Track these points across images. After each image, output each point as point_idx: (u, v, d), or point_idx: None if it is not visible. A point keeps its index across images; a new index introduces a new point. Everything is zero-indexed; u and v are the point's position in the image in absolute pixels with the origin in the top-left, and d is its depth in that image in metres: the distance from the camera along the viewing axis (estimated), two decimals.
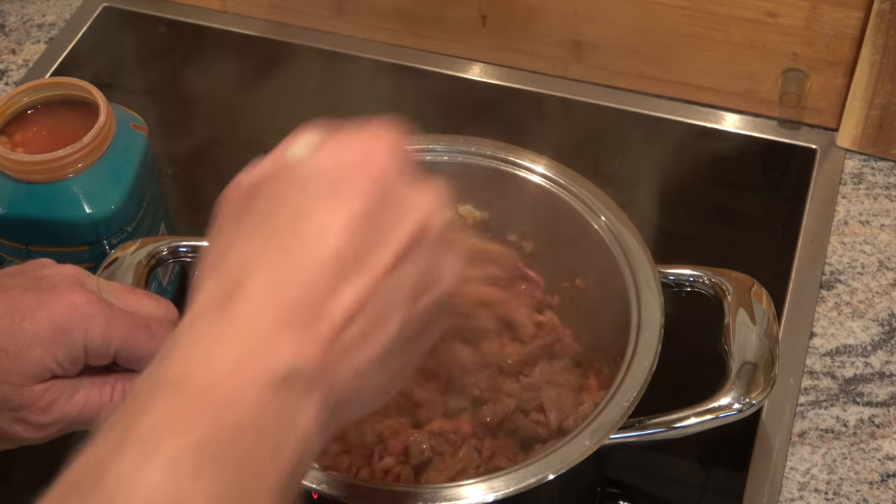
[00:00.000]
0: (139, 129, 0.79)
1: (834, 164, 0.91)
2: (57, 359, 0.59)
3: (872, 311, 0.81)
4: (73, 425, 0.62)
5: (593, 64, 0.96)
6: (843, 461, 0.74)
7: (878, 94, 0.88)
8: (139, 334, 0.62)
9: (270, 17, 1.03)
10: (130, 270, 0.71)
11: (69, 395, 0.61)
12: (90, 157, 0.75)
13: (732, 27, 0.90)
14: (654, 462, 0.75)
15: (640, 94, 0.96)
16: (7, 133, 0.77)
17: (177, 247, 0.73)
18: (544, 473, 0.59)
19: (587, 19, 0.94)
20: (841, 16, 0.87)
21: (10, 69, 1.00)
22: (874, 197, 0.88)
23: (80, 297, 0.60)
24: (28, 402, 0.59)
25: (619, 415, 0.62)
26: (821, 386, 0.77)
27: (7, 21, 1.04)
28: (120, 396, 0.62)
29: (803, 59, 0.90)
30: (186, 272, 0.83)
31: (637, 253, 0.69)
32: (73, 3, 1.05)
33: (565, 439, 0.61)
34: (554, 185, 0.73)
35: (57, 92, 0.78)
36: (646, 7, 0.91)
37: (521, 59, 0.98)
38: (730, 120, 0.95)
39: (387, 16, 0.99)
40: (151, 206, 0.80)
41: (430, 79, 0.98)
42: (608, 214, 0.71)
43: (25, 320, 0.59)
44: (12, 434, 0.60)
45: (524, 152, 0.74)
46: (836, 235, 0.86)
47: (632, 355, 0.65)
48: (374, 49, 1.00)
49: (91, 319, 0.60)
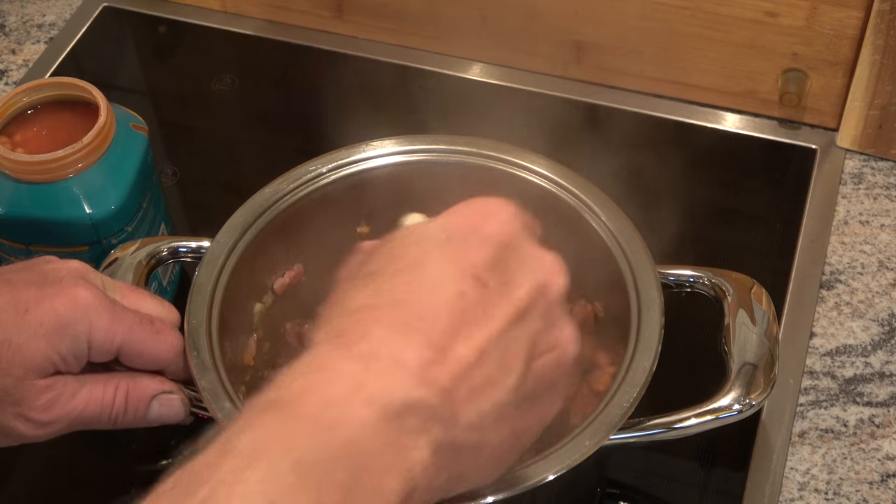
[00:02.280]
0: (139, 129, 0.79)
1: (834, 164, 0.91)
2: (60, 352, 0.59)
3: (872, 311, 0.81)
4: (74, 424, 0.62)
5: (593, 64, 0.96)
6: (843, 461, 0.74)
7: (878, 94, 0.88)
8: (143, 331, 0.62)
9: (270, 17, 1.03)
10: (130, 270, 0.71)
11: (71, 393, 0.61)
12: (90, 157, 0.75)
13: (732, 27, 0.90)
14: (654, 462, 0.75)
15: (640, 94, 0.96)
16: (7, 133, 0.77)
17: (177, 247, 0.73)
18: (544, 474, 0.59)
19: (587, 19, 0.94)
20: (841, 16, 0.87)
21: (10, 69, 1.00)
22: (874, 197, 0.88)
23: (85, 291, 0.61)
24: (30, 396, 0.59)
25: (619, 415, 0.61)
26: (821, 386, 0.77)
27: (7, 21, 1.04)
28: (123, 397, 0.62)
29: (803, 59, 0.90)
30: (186, 272, 0.83)
31: (637, 253, 0.69)
32: (73, 3, 1.05)
33: (565, 439, 0.61)
34: (554, 185, 0.73)
35: (57, 92, 0.78)
36: (646, 7, 0.91)
37: (521, 59, 0.98)
38: (730, 120, 0.95)
39: (387, 16, 0.99)
40: (151, 206, 0.80)
41: (430, 79, 0.98)
42: (608, 214, 0.71)
43: (29, 313, 0.59)
44: (13, 430, 0.60)
45: (524, 152, 0.74)
46: (836, 235, 0.86)
47: (632, 355, 0.65)
48: (374, 49, 1.00)
49: (95, 314, 0.60)
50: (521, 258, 0.51)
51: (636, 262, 0.69)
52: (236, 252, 0.70)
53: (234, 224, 0.71)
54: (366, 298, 0.49)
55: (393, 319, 0.47)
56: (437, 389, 0.46)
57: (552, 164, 0.74)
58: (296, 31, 1.02)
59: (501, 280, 0.49)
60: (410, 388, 0.46)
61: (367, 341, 0.47)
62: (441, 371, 0.47)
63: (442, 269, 0.49)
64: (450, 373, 0.47)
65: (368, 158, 0.75)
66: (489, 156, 0.75)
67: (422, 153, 0.75)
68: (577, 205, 0.72)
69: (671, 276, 0.71)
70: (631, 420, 0.63)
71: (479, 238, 0.50)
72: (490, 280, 0.49)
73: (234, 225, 0.71)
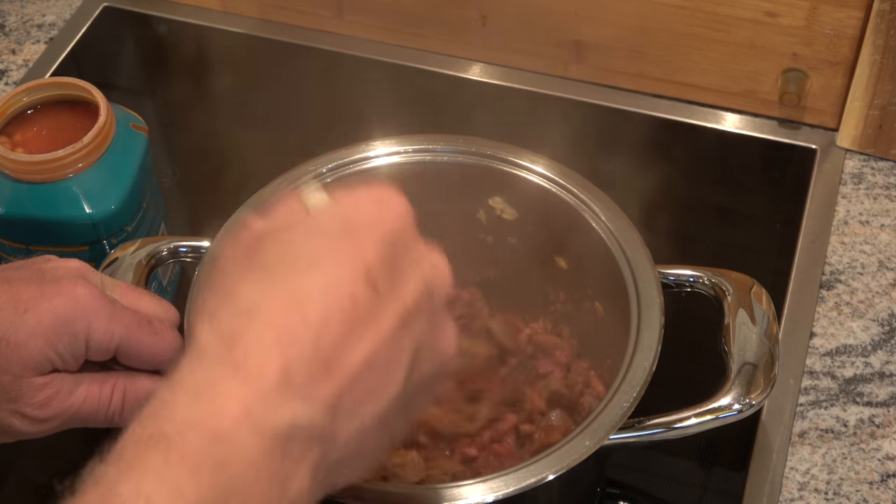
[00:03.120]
0: (139, 129, 0.79)
1: (834, 164, 0.91)
2: (58, 351, 0.59)
3: (872, 311, 0.81)
4: (71, 421, 0.62)
5: (593, 64, 0.96)
6: (843, 461, 0.74)
7: (878, 94, 0.88)
8: (141, 330, 0.62)
9: (270, 16, 1.03)
10: (130, 270, 0.71)
11: (69, 391, 0.61)
12: (90, 157, 0.75)
13: (732, 27, 0.90)
14: (654, 462, 0.75)
15: (641, 94, 0.96)
16: (7, 133, 0.77)
17: (177, 247, 0.73)
18: (544, 474, 0.59)
19: (587, 19, 0.94)
20: (841, 16, 0.87)
21: (10, 69, 1.00)
22: (874, 197, 0.88)
23: (84, 290, 0.60)
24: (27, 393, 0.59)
25: (618, 415, 0.61)
26: (821, 386, 0.77)
27: (7, 21, 1.04)
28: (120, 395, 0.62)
29: (803, 59, 0.90)
30: (186, 272, 0.83)
31: (637, 253, 0.69)
32: (73, 3, 1.05)
33: (565, 439, 0.61)
34: (554, 185, 0.73)
35: (57, 92, 0.78)
36: (646, 7, 0.91)
37: (521, 59, 0.98)
38: (730, 120, 0.95)
39: (387, 16, 0.99)
40: (151, 206, 0.80)
41: (430, 79, 0.98)
42: (608, 214, 0.71)
43: (28, 311, 0.59)
44: (10, 426, 0.60)
45: (524, 152, 0.74)
46: (836, 235, 0.86)
47: (632, 355, 0.65)
48: (374, 49, 1.00)
49: (94, 312, 0.60)
50: (410, 257, 0.50)
51: (636, 262, 0.69)
52: None
53: (234, 224, 0.71)
54: (256, 297, 0.47)
55: (282, 326, 0.46)
56: (321, 406, 0.46)
57: (552, 164, 0.74)
58: (296, 31, 1.02)
59: (391, 281, 0.49)
60: (296, 409, 0.45)
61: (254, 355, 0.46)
62: (325, 386, 0.46)
63: (336, 271, 0.48)
64: (334, 387, 0.46)
65: (368, 158, 0.75)
66: (489, 156, 0.75)
67: (422, 153, 0.75)
68: (577, 205, 0.72)
69: (671, 275, 0.71)
70: (631, 420, 0.63)
71: (375, 233, 0.49)
72: (381, 282, 0.48)
73: (234, 225, 0.71)
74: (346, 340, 0.47)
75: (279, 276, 0.48)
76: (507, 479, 0.59)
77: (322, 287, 0.47)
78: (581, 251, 0.72)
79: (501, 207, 0.75)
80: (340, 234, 0.49)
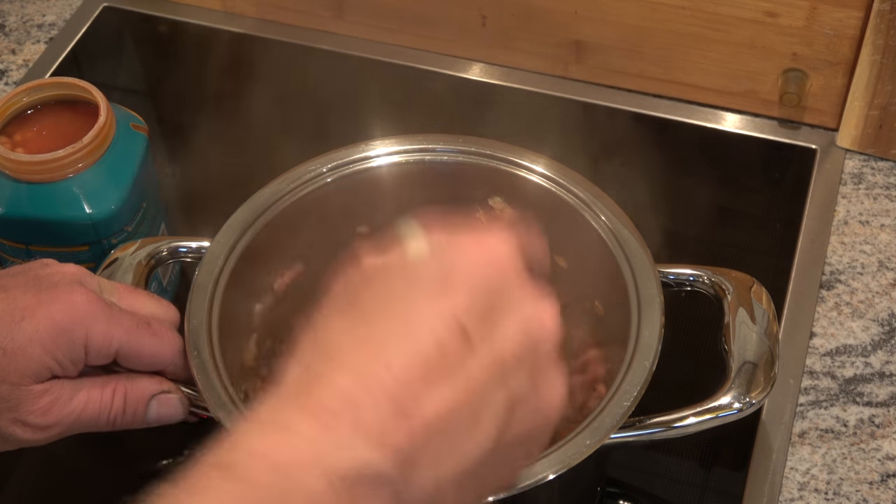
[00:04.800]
0: (139, 129, 0.79)
1: (834, 164, 0.91)
2: (56, 358, 0.59)
3: (872, 311, 0.81)
4: (73, 427, 0.62)
5: (593, 64, 0.96)
6: (843, 461, 0.74)
7: (878, 94, 0.88)
8: (140, 333, 0.62)
9: (270, 16, 1.03)
10: (130, 271, 0.71)
11: (69, 397, 0.60)
12: (90, 157, 0.75)
13: (732, 27, 0.90)
14: (654, 462, 0.75)
15: (641, 94, 0.96)
16: (7, 133, 0.77)
17: (177, 247, 0.73)
18: (544, 473, 0.59)
19: (587, 19, 0.94)
20: (841, 16, 0.87)
21: (10, 69, 1.00)
22: (874, 197, 0.88)
23: (81, 296, 0.60)
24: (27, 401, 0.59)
25: (619, 415, 0.61)
26: (821, 386, 0.77)
27: (7, 21, 1.04)
28: (121, 398, 0.62)
29: (803, 59, 0.90)
30: (186, 273, 0.83)
31: (637, 253, 0.69)
32: (73, 3, 1.05)
33: (565, 439, 0.61)
34: (554, 185, 0.73)
35: (57, 92, 0.78)
36: (646, 7, 0.91)
37: (521, 59, 0.98)
38: (730, 120, 0.95)
39: (387, 16, 0.99)
40: (151, 206, 0.80)
41: (430, 79, 0.98)
42: (608, 214, 0.71)
43: (25, 319, 0.59)
44: (11, 434, 0.60)
45: (524, 152, 0.74)
46: (836, 235, 0.86)
47: (632, 355, 0.65)
48: (374, 49, 1.00)
49: (92, 318, 0.60)
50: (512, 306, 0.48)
51: (636, 262, 0.69)
52: (236, 252, 0.70)
53: (234, 224, 0.71)
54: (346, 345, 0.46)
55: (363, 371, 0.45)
56: (393, 452, 0.44)
57: (552, 164, 0.74)
58: (296, 31, 1.02)
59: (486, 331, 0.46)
60: (366, 453, 0.44)
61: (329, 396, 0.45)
62: (399, 433, 0.44)
63: (425, 321, 0.46)
64: (409, 434, 0.44)
65: (368, 158, 0.75)
66: (489, 156, 0.75)
67: (422, 153, 0.75)
68: (577, 205, 0.72)
69: (671, 274, 0.71)
70: (631, 419, 0.63)
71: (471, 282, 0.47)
72: (474, 331, 0.46)
73: (234, 225, 0.71)
74: (428, 388, 0.45)
75: (372, 324, 0.47)
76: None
77: (409, 336, 0.46)
78: (581, 251, 0.72)
79: (501, 207, 0.75)
80: (437, 283, 0.47)
